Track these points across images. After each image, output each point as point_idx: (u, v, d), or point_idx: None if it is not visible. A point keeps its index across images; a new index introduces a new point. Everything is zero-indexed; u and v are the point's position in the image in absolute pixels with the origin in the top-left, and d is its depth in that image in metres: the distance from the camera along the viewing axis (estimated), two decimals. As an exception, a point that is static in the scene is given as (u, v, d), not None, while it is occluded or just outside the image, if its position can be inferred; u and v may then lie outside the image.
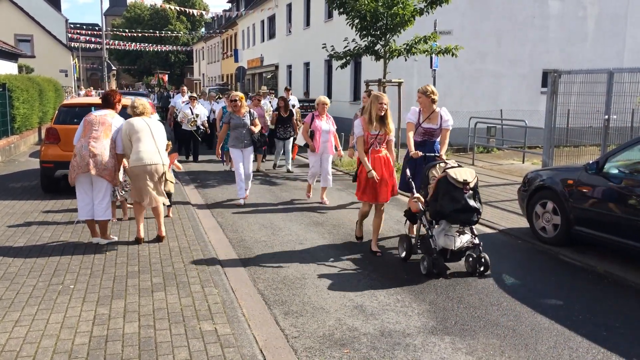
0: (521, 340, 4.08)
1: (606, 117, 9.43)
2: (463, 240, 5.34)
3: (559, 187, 6.33)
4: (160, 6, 50.73)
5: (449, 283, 5.26)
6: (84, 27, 52.10)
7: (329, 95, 23.41)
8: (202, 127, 13.61)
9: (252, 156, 8.70)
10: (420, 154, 6.05)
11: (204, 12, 49.78)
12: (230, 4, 47.39)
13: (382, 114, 5.81)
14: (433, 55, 12.92)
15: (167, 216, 7.13)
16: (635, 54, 19.61)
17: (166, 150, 7.26)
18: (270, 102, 14.55)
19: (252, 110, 8.64)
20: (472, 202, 5.23)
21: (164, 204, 6.28)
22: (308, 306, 4.64)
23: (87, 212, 6.03)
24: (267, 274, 5.45)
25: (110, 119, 6.02)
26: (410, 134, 6.17)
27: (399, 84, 12.19)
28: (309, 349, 3.90)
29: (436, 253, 5.29)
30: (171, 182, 6.09)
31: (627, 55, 19.73)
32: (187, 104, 13.75)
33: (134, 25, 61.46)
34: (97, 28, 51.81)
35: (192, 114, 13.24)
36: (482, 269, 5.35)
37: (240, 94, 8.61)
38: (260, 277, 5.35)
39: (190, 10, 41.52)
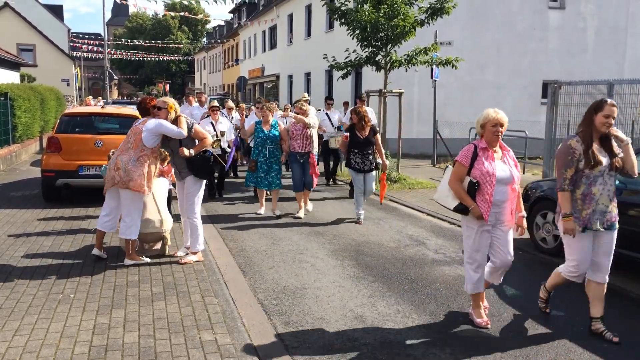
0: (522, 352, 4.07)
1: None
2: None
3: None
4: (165, 10, 50.94)
5: (450, 294, 5.25)
6: (86, 36, 52.40)
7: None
8: (228, 149, 9.90)
9: (200, 188, 5.95)
10: None
11: (206, 17, 50.02)
12: (231, 14, 47.74)
13: None
14: (433, 66, 12.98)
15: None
16: (635, 65, 19.66)
17: (165, 160, 7.28)
18: (328, 115, 11.80)
19: (190, 122, 5.90)
20: None
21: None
22: (308, 316, 4.64)
23: (102, 224, 5.93)
24: (267, 283, 5.45)
25: (142, 126, 5.78)
26: None
27: (400, 95, 12.24)
28: (309, 359, 3.89)
29: None
30: (167, 244, 6.20)
31: (627, 66, 19.79)
32: (207, 117, 10.01)
33: (135, 35, 61.88)
34: (99, 38, 52.09)
35: (215, 131, 9.44)
36: None
37: (169, 100, 5.85)
38: (260, 286, 5.35)
39: (192, 16, 41.70)
